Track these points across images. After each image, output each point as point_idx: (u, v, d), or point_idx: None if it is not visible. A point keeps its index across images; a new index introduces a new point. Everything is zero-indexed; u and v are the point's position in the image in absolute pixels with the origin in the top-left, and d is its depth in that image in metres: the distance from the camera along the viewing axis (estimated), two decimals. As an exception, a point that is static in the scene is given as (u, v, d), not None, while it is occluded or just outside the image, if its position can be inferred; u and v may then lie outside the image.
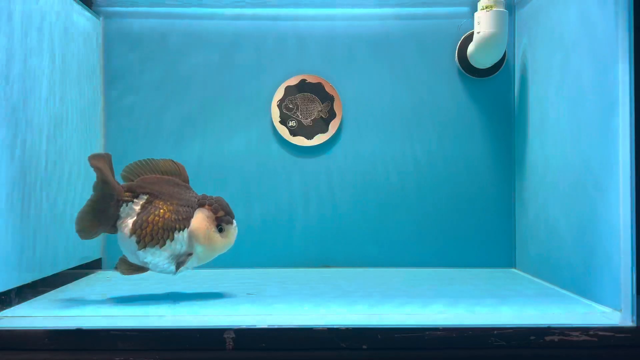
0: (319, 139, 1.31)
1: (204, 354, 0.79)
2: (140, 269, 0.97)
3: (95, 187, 0.93)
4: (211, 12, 1.32)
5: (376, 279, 1.16)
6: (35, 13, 1.00)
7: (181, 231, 0.95)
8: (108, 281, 1.17)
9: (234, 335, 0.79)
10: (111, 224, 0.95)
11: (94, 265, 1.29)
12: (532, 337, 0.80)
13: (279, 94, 1.31)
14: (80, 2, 1.21)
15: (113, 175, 0.95)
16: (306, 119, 1.31)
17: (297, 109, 1.31)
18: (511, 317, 0.86)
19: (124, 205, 0.95)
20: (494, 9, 1.20)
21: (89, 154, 0.93)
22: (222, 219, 0.96)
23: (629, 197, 0.82)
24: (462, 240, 1.32)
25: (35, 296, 1.01)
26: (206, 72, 1.32)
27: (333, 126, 1.31)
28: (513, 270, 1.30)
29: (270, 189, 1.32)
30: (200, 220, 0.95)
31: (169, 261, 0.96)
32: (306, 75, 1.32)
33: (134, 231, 0.94)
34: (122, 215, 0.95)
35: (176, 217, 0.94)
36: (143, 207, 0.95)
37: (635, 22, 0.83)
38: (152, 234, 0.94)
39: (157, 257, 0.95)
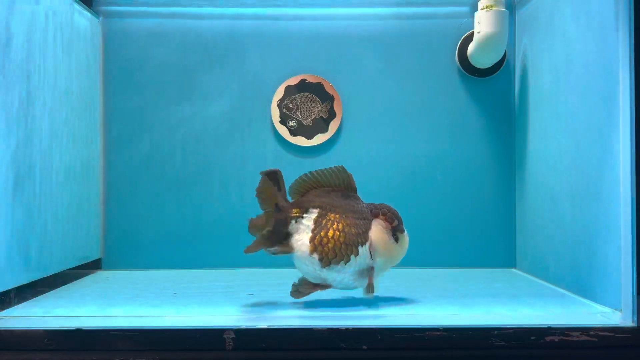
0: (319, 139, 1.31)
1: (204, 354, 0.79)
2: (315, 286, 0.92)
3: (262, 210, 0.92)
4: (211, 11, 1.32)
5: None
6: (35, 12, 1.00)
7: (363, 245, 0.91)
8: (107, 281, 1.17)
9: (234, 335, 0.79)
10: (280, 241, 0.91)
11: (94, 265, 1.29)
12: (532, 337, 0.80)
13: (279, 93, 1.31)
14: (80, 2, 1.21)
15: (283, 191, 0.92)
16: (306, 119, 1.31)
17: (297, 108, 1.31)
18: (511, 317, 0.86)
19: (293, 222, 0.91)
20: (494, 8, 1.20)
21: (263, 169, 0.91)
22: (397, 228, 0.93)
23: (629, 197, 0.82)
24: (463, 240, 1.32)
25: (35, 296, 1.01)
26: (205, 72, 1.32)
27: (333, 126, 1.31)
28: (513, 270, 1.30)
29: (270, 189, 1.31)
30: (379, 232, 0.92)
31: (354, 277, 0.91)
32: (306, 75, 1.32)
33: (314, 249, 0.90)
34: (293, 232, 0.91)
35: (357, 231, 0.91)
36: (316, 222, 0.91)
37: (636, 22, 0.83)
38: (334, 251, 0.89)
39: (341, 274, 0.91)
